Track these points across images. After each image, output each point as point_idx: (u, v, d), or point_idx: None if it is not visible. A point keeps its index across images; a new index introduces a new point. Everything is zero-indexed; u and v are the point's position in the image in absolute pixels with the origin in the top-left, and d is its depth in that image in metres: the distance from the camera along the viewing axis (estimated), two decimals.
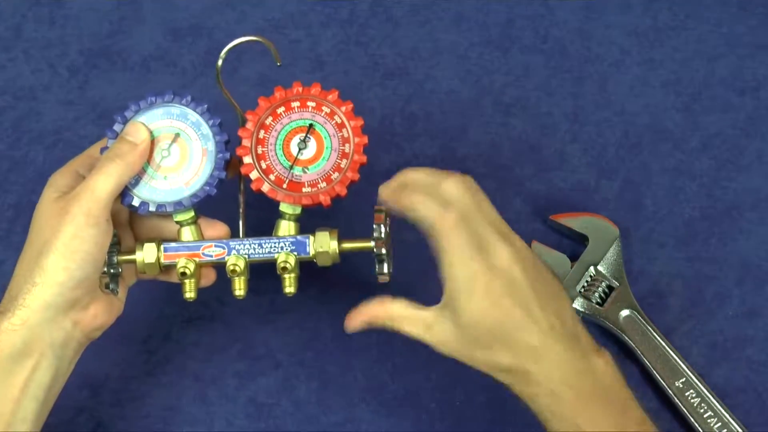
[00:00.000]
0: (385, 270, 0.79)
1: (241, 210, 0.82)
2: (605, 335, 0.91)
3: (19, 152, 0.96)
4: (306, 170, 0.80)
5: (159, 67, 0.98)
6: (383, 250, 0.78)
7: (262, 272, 0.83)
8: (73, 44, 0.99)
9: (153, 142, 0.80)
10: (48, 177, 0.94)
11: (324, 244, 0.79)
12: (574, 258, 0.91)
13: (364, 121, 0.81)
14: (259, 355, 0.91)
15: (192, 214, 0.80)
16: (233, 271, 0.79)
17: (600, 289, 0.90)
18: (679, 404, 0.88)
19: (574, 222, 0.92)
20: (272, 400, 0.90)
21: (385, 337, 0.91)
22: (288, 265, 0.79)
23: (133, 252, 0.80)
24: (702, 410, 0.88)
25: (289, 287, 0.80)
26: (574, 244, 0.93)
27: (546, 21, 1.00)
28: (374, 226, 0.78)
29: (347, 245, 0.80)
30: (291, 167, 0.79)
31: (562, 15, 1.00)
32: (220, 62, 0.79)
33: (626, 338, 0.89)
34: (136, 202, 0.79)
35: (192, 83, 0.98)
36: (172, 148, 0.80)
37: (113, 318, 0.79)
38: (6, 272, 0.92)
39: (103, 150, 0.79)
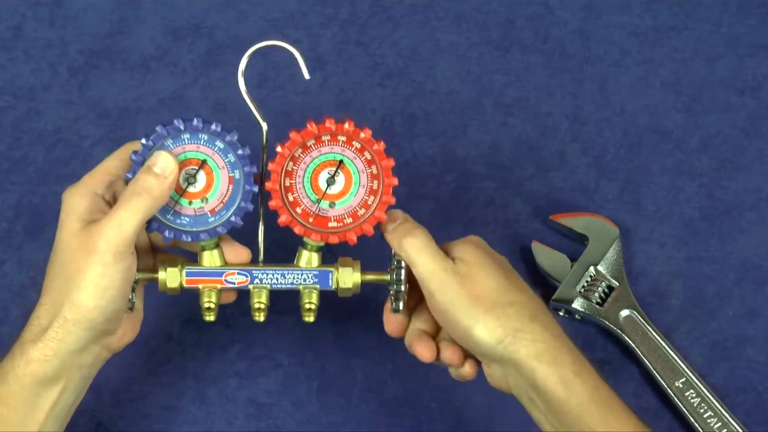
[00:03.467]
0: (401, 307, 0.79)
1: (260, 227, 0.80)
2: (605, 335, 0.91)
3: (19, 152, 0.96)
4: (333, 205, 0.78)
5: (159, 67, 0.98)
6: (402, 288, 0.78)
7: None
8: (73, 44, 0.99)
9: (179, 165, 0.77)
10: (48, 177, 0.95)
11: (347, 281, 0.79)
12: (574, 258, 0.91)
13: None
14: (259, 355, 0.91)
15: (216, 239, 0.79)
16: (258, 309, 0.78)
17: (600, 289, 0.90)
18: (679, 404, 0.88)
19: (574, 222, 0.92)
20: (272, 400, 0.90)
21: (385, 337, 0.90)
22: (313, 306, 0.79)
23: (150, 267, 0.79)
24: (702, 410, 0.88)
25: (308, 318, 0.79)
26: (574, 244, 0.93)
27: (546, 21, 1.00)
28: (394, 265, 0.78)
29: (369, 277, 0.79)
30: (318, 201, 0.78)
31: (562, 15, 1.00)
32: (241, 71, 0.78)
33: (626, 338, 0.89)
34: (161, 230, 0.77)
35: (192, 83, 0.98)
36: (199, 175, 0.77)
37: (137, 330, 0.80)
38: (6, 272, 0.92)
39: (127, 176, 0.76)
